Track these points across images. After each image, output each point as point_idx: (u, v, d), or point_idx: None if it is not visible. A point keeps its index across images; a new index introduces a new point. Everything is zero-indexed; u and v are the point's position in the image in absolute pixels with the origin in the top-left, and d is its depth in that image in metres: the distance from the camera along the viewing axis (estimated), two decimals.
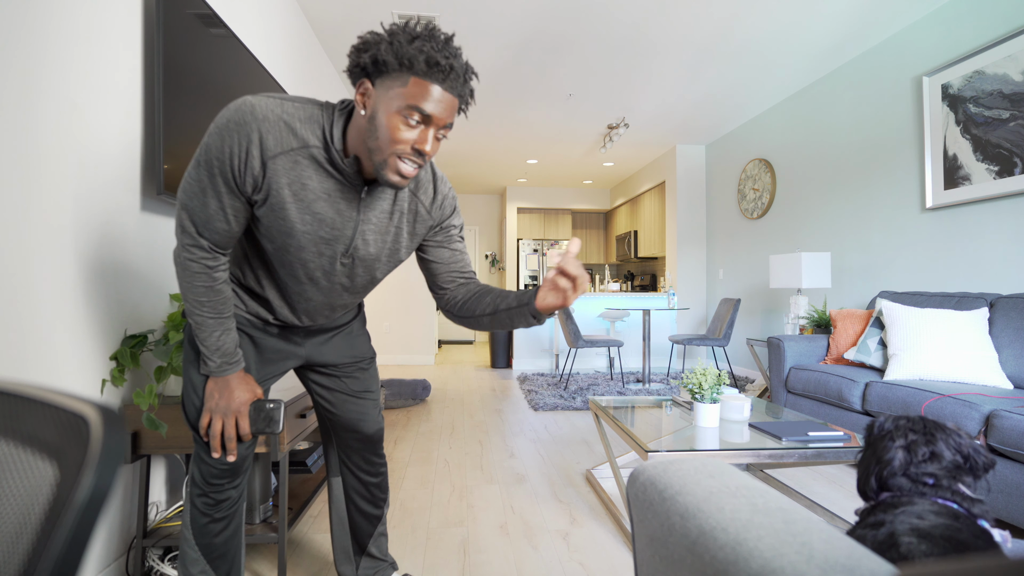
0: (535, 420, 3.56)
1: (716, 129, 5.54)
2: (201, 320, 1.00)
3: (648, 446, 1.68)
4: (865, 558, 0.37)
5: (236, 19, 2.25)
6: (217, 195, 0.91)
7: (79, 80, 1.34)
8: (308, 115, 0.90)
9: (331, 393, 1.29)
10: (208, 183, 0.90)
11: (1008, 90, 2.66)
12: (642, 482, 0.61)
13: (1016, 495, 1.79)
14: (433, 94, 0.83)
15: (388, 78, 0.83)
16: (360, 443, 1.33)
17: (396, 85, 0.82)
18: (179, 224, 0.95)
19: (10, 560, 0.37)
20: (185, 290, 0.99)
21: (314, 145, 0.90)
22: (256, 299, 1.11)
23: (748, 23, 3.30)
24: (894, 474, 0.91)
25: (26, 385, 0.43)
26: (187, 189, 0.92)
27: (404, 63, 0.81)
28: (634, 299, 5.93)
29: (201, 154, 0.89)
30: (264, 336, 1.14)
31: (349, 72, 0.86)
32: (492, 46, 3.60)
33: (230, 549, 1.18)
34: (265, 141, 0.87)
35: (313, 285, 1.05)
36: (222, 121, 0.87)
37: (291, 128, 0.88)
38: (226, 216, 0.93)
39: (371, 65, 0.83)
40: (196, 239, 0.95)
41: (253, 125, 0.86)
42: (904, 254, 3.33)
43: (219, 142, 0.87)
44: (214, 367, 1.03)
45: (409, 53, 0.80)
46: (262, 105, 0.87)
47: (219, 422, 1.04)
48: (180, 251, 0.97)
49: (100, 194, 1.43)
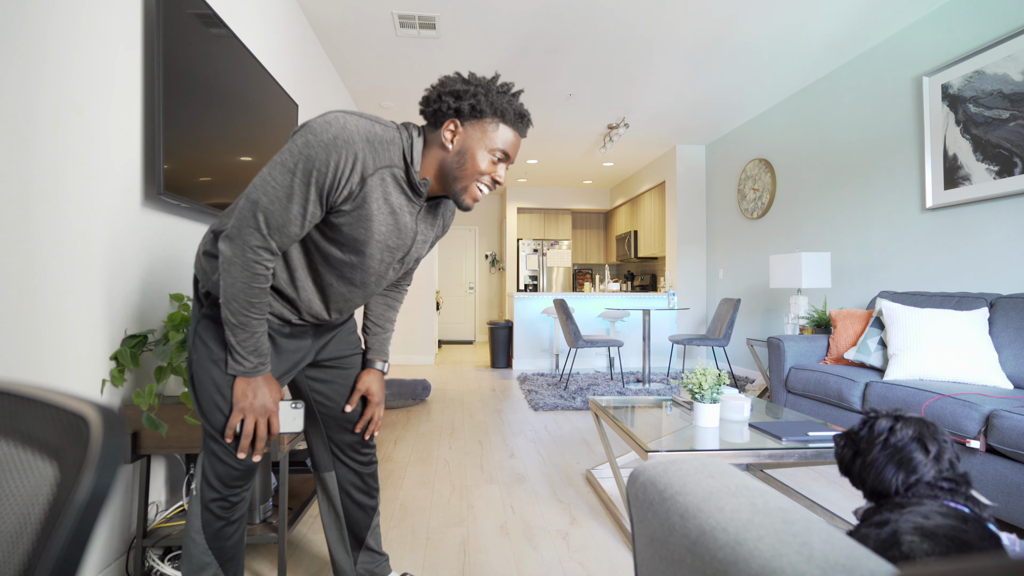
0: (535, 420, 3.56)
1: (716, 129, 5.54)
2: (246, 321, 1.01)
3: (648, 446, 1.68)
4: (865, 558, 0.37)
5: (236, 19, 2.25)
6: (304, 202, 0.96)
7: (79, 80, 1.34)
8: (391, 138, 1.02)
9: (328, 386, 1.31)
10: (299, 190, 0.95)
11: (1008, 90, 2.66)
12: (642, 482, 0.61)
13: (1016, 495, 1.79)
14: (513, 138, 1.05)
15: (479, 121, 1.02)
16: (354, 435, 1.35)
17: (488, 128, 1.02)
18: (250, 226, 0.96)
19: (10, 560, 0.37)
20: (239, 291, 0.99)
21: (397, 166, 1.03)
22: (283, 299, 1.12)
23: (748, 23, 3.30)
24: (920, 482, 0.90)
25: (26, 385, 0.43)
26: (269, 192, 0.95)
27: (498, 112, 1.01)
28: (634, 299, 5.93)
29: (296, 162, 0.94)
30: (280, 337, 1.16)
31: (434, 111, 1.03)
32: (492, 46, 3.60)
33: (239, 551, 1.19)
34: (367, 159, 0.98)
35: (361, 287, 1.15)
36: (327, 136, 0.94)
37: (383, 149, 1.00)
38: (304, 222, 0.98)
39: (468, 110, 1.00)
40: (266, 241, 0.97)
41: (359, 144, 0.96)
42: (904, 254, 3.33)
43: (324, 155, 0.93)
44: (249, 367, 1.04)
45: (501, 106, 1.01)
46: (362, 126, 0.98)
47: (252, 421, 1.06)
48: (243, 252, 0.97)
49: (100, 194, 1.43)
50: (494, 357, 6.01)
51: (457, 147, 1.03)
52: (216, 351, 1.07)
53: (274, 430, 1.09)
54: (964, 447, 1.98)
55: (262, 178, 0.96)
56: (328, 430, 1.34)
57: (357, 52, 3.68)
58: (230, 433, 1.06)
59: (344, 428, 1.34)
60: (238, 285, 0.99)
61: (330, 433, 1.35)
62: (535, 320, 5.90)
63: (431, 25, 3.29)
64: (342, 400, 1.32)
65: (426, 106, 1.04)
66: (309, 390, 1.31)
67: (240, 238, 0.97)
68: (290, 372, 1.20)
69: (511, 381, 5.15)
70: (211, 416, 1.08)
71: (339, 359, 1.31)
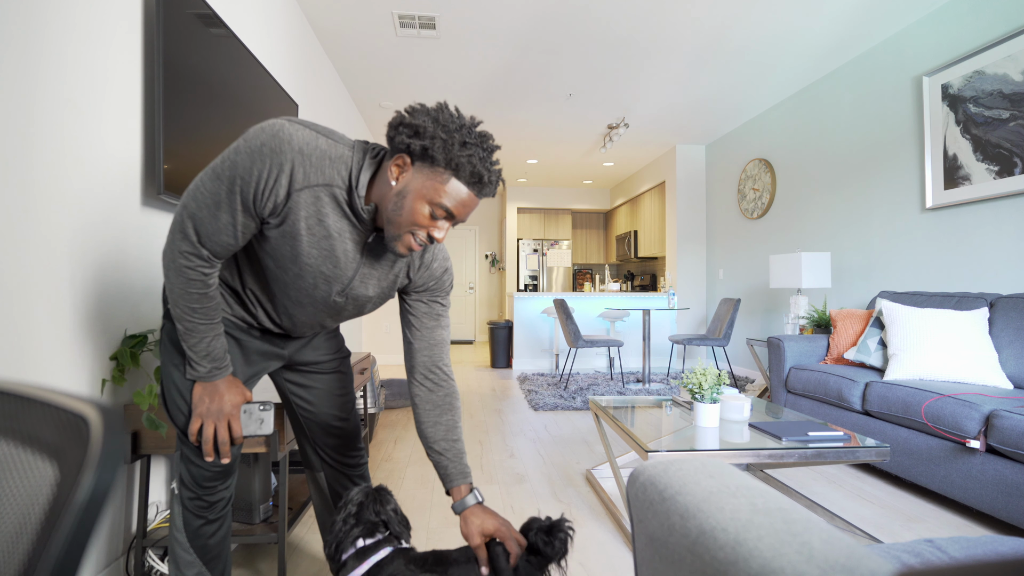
0: (535, 420, 3.56)
1: (716, 129, 5.54)
2: (192, 326, 0.99)
3: (648, 446, 1.68)
4: (865, 558, 0.37)
5: (236, 19, 2.25)
6: (232, 211, 0.90)
7: (79, 80, 1.34)
8: (338, 155, 0.91)
9: (309, 391, 1.28)
10: (225, 198, 0.89)
11: (1008, 90, 2.66)
12: (642, 482, 0.61)
13: (1016, 495, 1.79)
14: (464, 198, 0.90)
15: (429, 167, 0.88)
16: (338, 439, 1.33)
17: (436, 178, 0.88)
18: (180, 230, 0.92)
19: (10, 560, 0.37)
20: (177, 295, 0.96)
21: (338, 186, 0.92)
22: (241, 303, 1.10)
23: (748, 23, 3.30)
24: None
25: (26, 385, 0.43)
26: (199, 199, 0.90)
27: (451, 165, 0.87)
28: (634, 299, 5.93)
29: (224, 168, 0.88)
30: (248, 338, 1.13)
31: (390, 138, 0.90)
32: (492, 46, 3.60)
33: (224, 549, 1.18)
34: (295, 173, 0.88)
35: (301, 307, 1.07)
36: (255, 143, 0.86)
37: (321, 164, 0.90)
38: (235, 232, 0.92)
39: (419, 151, 0.87)
40: (197, 248, 0.93)
41: (288, 155, 0.87)
42: (904, 254, 3.33)
43: (248, 163, 0.86)
44: (203, 372, 1.02)
45: (458, 159, 0.86)
46: (299, 136, 0.88)
47: (211, 427, 1.03)
48: (175, 256, 0.94)
49: (100, 194, 1.43)
50: (494, 357, 6.01)
51: (399, 187, 0.90)
52: (175, 355, 1.06)
53: (235, 434, 1.05)
54: (964, 447, 1.98)
55: (195, 183, 0.91)
56: (312, 434, 1.31)
57: (357, 52, 3.68)
58: (193, 438, 1.05)
59: (329, 433, 1.31)
60: (177, 290, 0.96)
61: (315, 438, 1.32)
62: (535, 320, 5.90)
63: (431, 25, 3.29)
64: (324, 406, 1.29)
65: (388, 128, 0.91)
66: (289, 393, 1.29)
67: (172, 243, 0.93)
68: (258, 375, 1.18)
69: (511, 381, 5.14)
70: (176, 419, 1.07)
71: (317, 363, 1.27)
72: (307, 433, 1.32)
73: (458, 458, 1.10)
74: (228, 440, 1.05)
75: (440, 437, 1.11)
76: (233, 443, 1.07)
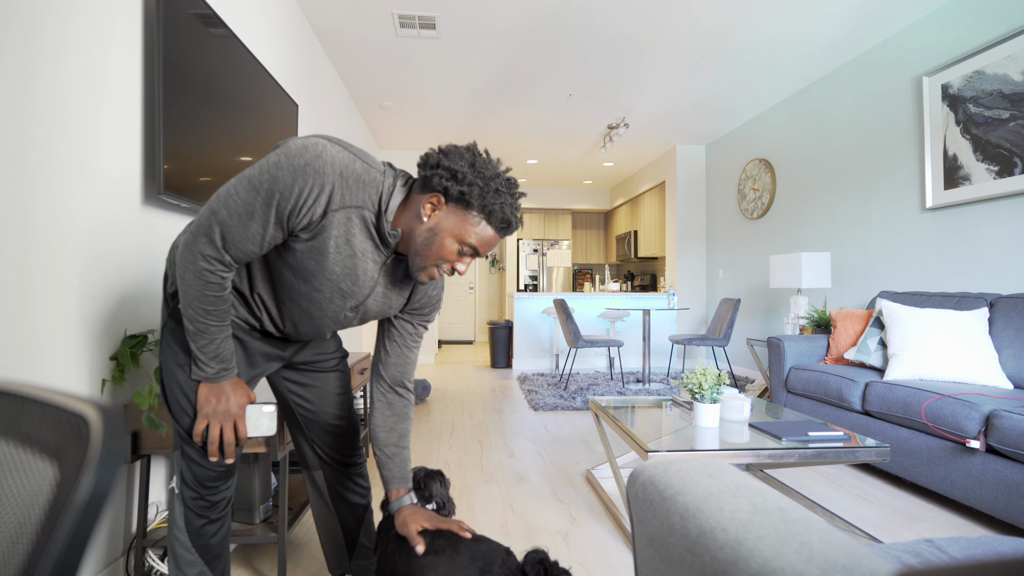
0: (535, 420, 3.56)
1: (716, 129, 5.54)
2: (203, 327, 0.99)
3: (648, 446, 1.68)
4: (865, 558, 0.37)
5: (236, 19, 2.25)
6: (264, 223, 0.91)
7: (78, 80, 1.34)
8: (371, 179, 0.96)
9: (306, 390, 1.30)
10: (260, 210, 0.90)
11: (1008, 90, 2.66)
12: (642, 482, 0.61)
13: (1016, 495, 1.79)
14: (490, 239, 1.00)
15: (463, 210, 0.96)
16: (337, 438, 1.34)
17: (468, 220, 0.96)
18: (205, 235, 0.93)
19: (10, 560, 0.37)
20: (192, 297, 0.97)
21: (368, 208, 0.97)
22: (247, 306, 1.11)
23: (748, 23, 3.30)
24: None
25: (26, 385, 0.43)
26: (231, 207, 0.91)
27: (484, 211, 0.96)
28: (634, 299, 5.93)
29: (262, 181, 0.89)
30: (251, 340, 1.14)
31: (425, 177, 0.96)
32: (492, 46, 3.60)
33: (224, 549, 1.19)
34: (334, 194, 0.92)
35: (309, 317, 1.09)
36: (299, 162, 0.89)
37: (357, 187, 0.94)
38: (262, 242, 0.94)
39: (456, 195, 0.94)
40: (220, 253, 0.94)
41: (329, 177, 0.91)
42: (904, 254, 3.33)
43: (290, 180, 0.89)
44: (211, 373, 1.03)
45: (492, 206, 0.95)
46: (340, 159, 0.92)
47: (217, 427, 1.04)
48: (196, 259, 0.94)
49: (100, 194, 1.43)
50: (494, 357, 6.01)
51: (431, 223, 0.97)
52: (180, 354, 1.06)
53: (241, 435, 1.07)
54: (964, 447, 1.98)
55: (227, 190, 0.92)
56: (311, 433, 1.33)
57: (357, 52, 3.68)
58: (197, 438, 1.05)
59: (328, 432, 1.32)
60: (192, 292, 0.96)
61: (312, 436, 1.33)
62: (535, 320, 5.90)
63: (431, 25, 3.29)
64: (322, 404, 1.30)
65: (423, 165, 0.97)
66: (287, 391, 1.30)
67: (195, 245, 0.94)
68: (260, 376, 1.19)
69: (511, 381, 5.14)
70: (180, 419, 1.08)
71: (315, 362, 1.30)
72: (305, 432, 1.33)
73: (404, 464, 1.20)
74: (234, 441, 1.06)
75: (392, 442, 1.20)
76: (238, 444, 1.08)
